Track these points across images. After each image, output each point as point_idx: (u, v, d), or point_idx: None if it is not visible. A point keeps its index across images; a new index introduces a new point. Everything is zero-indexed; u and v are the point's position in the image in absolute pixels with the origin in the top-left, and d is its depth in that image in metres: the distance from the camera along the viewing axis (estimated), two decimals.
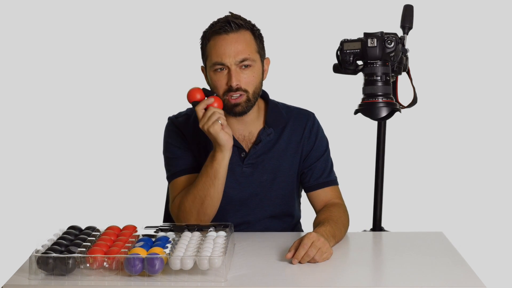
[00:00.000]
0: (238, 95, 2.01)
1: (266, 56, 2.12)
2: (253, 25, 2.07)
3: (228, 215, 2.14)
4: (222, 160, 1.99)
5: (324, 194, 2.17)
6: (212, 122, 1.95)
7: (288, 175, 2.16)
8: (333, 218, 2.03)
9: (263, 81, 2.11)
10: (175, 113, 2.22)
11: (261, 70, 2.07)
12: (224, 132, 1.96)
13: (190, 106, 2.20)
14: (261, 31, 2.10)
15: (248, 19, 2.08)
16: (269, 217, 2.18)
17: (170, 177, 2.17)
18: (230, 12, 2.06)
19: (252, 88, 2.03)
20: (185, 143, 2.16)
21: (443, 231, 2.10)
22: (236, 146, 2.11)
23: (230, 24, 2.00)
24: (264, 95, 2.19)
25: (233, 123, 2.11)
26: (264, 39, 2.11)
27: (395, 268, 1.81)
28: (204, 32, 2.06)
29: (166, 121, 2.22)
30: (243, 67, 2.01)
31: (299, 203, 2.30)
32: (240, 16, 2.06)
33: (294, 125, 2.18)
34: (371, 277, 1.80)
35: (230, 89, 2.01)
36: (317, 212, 2.17)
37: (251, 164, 2.14)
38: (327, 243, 1.84)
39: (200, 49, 2.09)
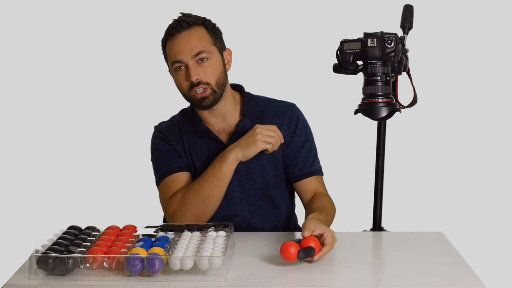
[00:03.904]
0: (202, 89, 2.05)
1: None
2: (205, 20, 2.10)
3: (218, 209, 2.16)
4: (232, 164, 2.05)
5: (309, 184, 2.19)
6: (266, 138, 2.02)
7: (269, 166, 2.18)
8: (326, 209, 2.07)
9: (228, 72, 2.14)
10: (160, 121, 2.27)
11: (221, 60, 2.10)
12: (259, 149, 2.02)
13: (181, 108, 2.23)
14: (218, 25, 2.13)
15: (203, 15, 2.11)
16: (253, 207, 2.20)
17: (159, 180, 2.20)
18: (180, 13, 2.10)
19: (213, 79, 2.06)
20: (170, 145, 2.19)
21: (443, 231, 2.10)
22: (214, 139, 2.15)
23: (181, 23, 2.05)
24: (239, 89, 2.22)
25: (210, 116, 2.15)
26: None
27: (395, 268, 1.81)
28: (162, 40, 2.12)
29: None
30: (200, 61, 2.04)
31: (293, 196, 2.31)
32: (190, 14, 2.10)
33: (273, 116, 2.19)
34: (371, 277, 1.80)
35: (192, 85, 2.05)
36: (305, 203, 2.19)
37: None
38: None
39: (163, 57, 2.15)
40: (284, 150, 2.18)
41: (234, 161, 2.05)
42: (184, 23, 2.05)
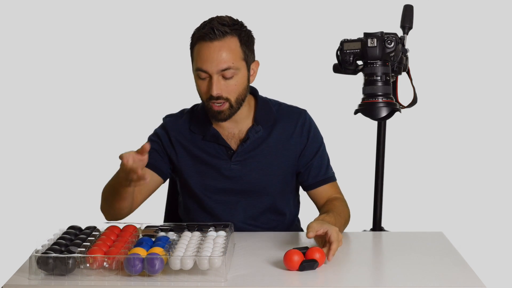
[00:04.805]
0: (220, 103, 2.01)
1: (256, 58, 2.09)
2: (241, 29, 2.02)
3: (218, 212, 2.16)
4: (117, 177, 1.95)
5: (324, 191, 2.19)
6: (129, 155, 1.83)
7: (278, 172, 2.16)
8: (336, 210, 2.06)
9: (251, 83, 2.10)
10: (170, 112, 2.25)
11: (246, 76, 2.04)
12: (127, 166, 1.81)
13: (184, 106, 2.21)
14: (253, 33, 2.06)
15: (238, 19, 2.04)
16: (258, 213, 2.18)
17: None
18: (216, 16, 2.03)
19: (234, 96, 2.01)
20: (162, 146, 2.16)
21: (443, 231, 2.10)
22: (223, 145, 2.12)
23: (215, 31, 1.97)
24: (254, 92, 2.18)
25: None
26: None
27: (395, 268, 1.81)
28: (192, 34, 2.04)
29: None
30: (226, 76, 1.98)
31: (297, 201, 2.31)
32: (227, 19, 2.01)
33: (285, 122, 2.17)
34: (371, 277, 1.80)
35: (212, 97, 2.00)
36: (319, 208, 2.19)
37: (239, 162, 2.13)
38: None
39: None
40: (297, 159, 2.17)
41: (118, 176, 1.93)
42: (218, 32, 1.97)
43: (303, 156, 2.17)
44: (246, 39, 2.03)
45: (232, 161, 2.13)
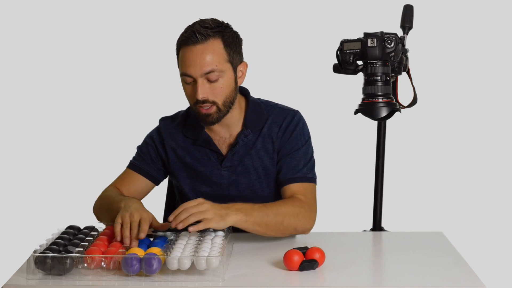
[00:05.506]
0: (207, 106, 1.98)
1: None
2: (225, 31, 1.98)
3: None
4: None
5: (289, 190, 2.06)
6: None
7: (268, 175, 2.12)
8: (267, 204, 1.96)
9: (240, 85, 2.06)
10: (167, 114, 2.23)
11: (233, 78, 2.00)
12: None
13: (180, 108, 2.20)
14: (240, 34, 2.03)
15: (224, 20, 2.01)
16: None
17: (129, 164, 2.22)
18: (199, 20, 2.00)
19: (221, 98, 1.98)
20: (159, 146, 2.16)
21: (443, 231, 2.10)
22: (215, 150, 2.10)
23: (196, 35, 1.94)
24: (245, 93, 2.14)
25: (214, 125, 2.07)
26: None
27: (395, 268, 1.81)
28: (177, 39, 2.01)
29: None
30: (210, 79, 1.95)
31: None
32: (209, 22, 1.98)
33: (272, 123, 2.12)
34: (371, 277, 1.79)
35: (198, 101, 1.97)
36: None
37: (229, 167, 2.11)
38: (212, 209, 1.82)
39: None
40: (276, 156, 2.12)
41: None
42: (200, 35, 1.94)
43: (279, 153, 2.10)
44: (230, 40, 1.99)
45: (223, 167, 2.11)
